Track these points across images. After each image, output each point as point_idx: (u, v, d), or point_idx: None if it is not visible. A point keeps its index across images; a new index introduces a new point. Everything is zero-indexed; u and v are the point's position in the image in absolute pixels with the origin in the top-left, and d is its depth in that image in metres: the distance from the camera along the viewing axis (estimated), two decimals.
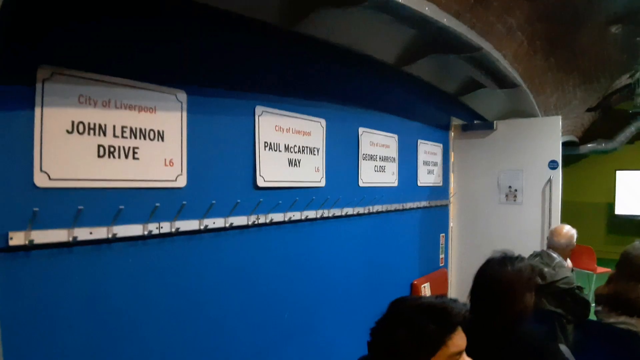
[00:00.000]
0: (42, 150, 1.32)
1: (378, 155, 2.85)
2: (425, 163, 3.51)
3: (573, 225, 2.83)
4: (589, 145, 7.73)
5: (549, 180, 3.50)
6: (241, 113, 1.93)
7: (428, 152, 3.56)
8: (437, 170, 3.73)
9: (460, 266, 3.97)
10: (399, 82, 3.09)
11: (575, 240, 2.82)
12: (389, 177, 2.97)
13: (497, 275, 1.58)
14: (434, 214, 3.61)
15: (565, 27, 3.44)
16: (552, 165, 3.50)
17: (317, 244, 2.30)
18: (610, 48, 4.23)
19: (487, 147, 3.86)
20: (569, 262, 2.83)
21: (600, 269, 5.00)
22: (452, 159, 4.00)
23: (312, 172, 2.29)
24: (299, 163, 2.20)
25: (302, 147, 2.23)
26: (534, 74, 3.82)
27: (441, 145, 3.80)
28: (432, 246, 3.64)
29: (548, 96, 4.50)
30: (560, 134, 3.54)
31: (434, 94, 3.62)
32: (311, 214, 2.22)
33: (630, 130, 7.44)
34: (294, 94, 2.19)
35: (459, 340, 1.02)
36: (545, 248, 2.83)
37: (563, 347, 2.15)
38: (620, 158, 7.93)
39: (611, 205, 7.94)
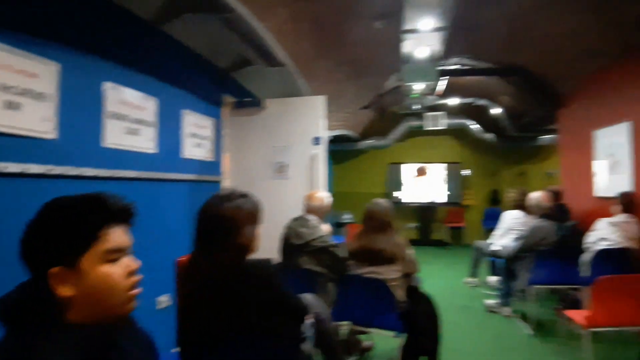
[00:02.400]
0: None
1: (130, 116, 2.83)
2: (193, 135, 3.63)
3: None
4: (367, 141, 9.46)
5: (314, 156, 4.02)
6: None
7: (196, 124, 3.69)
8: (208, 144, 3.89)
9: None
10: (162, 44, 3.17)
11: (327, 202, 3.32)
12: (146, 143, 2.98)
13: (215, 211, 1.75)
14: (204, 188, 3.73)
15: (331, 14, 3.97)
16: (316, 141, 4.04)
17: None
18: (376, 45, 4.93)
19: (258, 125, 4.26)
20: (327, 227, 3.30)
21: None
22: (225, 136, 4.23)
23: (37, 121, 2.15)
24: (19, 106, 2.04)
25: (23, 89, 2.07)
26: (303, 58, 4.32)
27: (213, 120, 3.98)
28: None
29: (321, 84, 5.13)
30: (324, 112, 4.11)
31: (204, 67, 3.81)
32: (34, 167, 2.08)
33: (400, 129, 9.15)
34: (8, 23, 2.03)
35: (117, 236, 0.95)
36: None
37: (309, 296, 2.49)
38: (392, 153, 9.85)
39: (387, 195, 9.42)
